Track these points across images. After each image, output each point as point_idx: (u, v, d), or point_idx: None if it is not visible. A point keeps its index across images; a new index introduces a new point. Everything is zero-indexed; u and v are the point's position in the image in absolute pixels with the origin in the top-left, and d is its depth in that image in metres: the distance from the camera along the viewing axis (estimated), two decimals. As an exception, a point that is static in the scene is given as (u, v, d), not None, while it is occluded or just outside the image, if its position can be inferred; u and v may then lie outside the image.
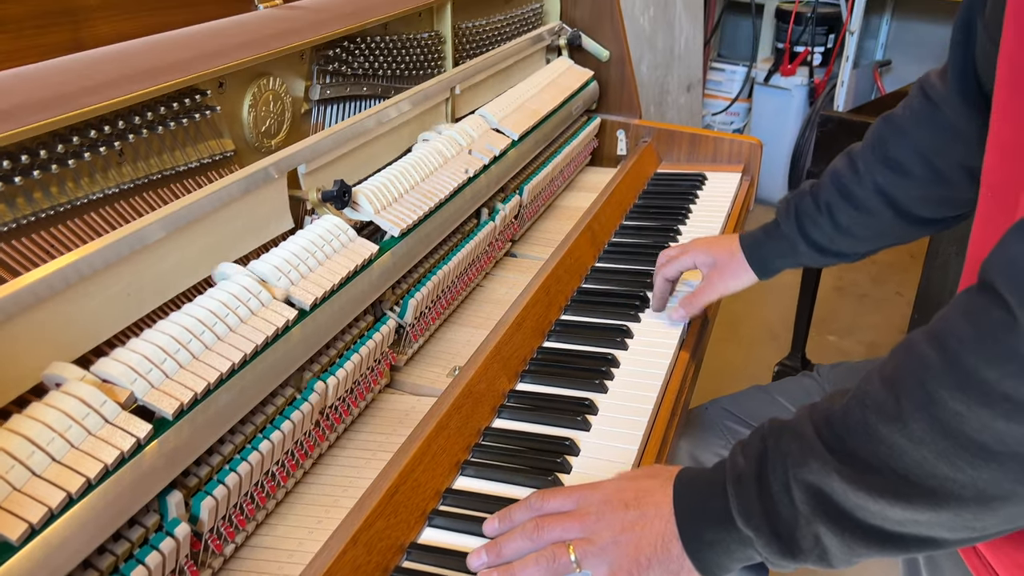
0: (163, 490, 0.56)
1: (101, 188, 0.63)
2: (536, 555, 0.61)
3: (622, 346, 0.93)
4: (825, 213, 0.90)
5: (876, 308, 2.51)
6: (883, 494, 0.51)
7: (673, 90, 2.74)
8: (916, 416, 0.49)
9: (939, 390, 0.48)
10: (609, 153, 1.53)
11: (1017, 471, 0.47)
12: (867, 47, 3.15)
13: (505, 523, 0.65)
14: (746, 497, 0.56)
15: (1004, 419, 0.46)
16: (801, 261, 0.94)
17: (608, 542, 0.60)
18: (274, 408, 0.69)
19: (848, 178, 0.89)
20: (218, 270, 0.69)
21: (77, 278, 0.56)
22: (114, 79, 0.63)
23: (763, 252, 0.95)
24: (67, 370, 0.55)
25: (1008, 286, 0.46)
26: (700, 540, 0.58)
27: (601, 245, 1.16)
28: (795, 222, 0.93)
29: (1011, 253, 0.47)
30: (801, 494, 0.54)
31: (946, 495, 0.49)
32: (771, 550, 0.56)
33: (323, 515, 0.69)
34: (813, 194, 0.92)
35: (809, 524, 0.54)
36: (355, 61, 0.94)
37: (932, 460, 0.49)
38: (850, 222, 0.89)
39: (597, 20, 1.48)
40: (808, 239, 0.92)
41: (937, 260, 1.91)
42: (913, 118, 0.86)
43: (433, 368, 0.90)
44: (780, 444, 0.56)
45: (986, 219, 0.66)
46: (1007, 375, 0.45)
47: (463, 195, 0.99)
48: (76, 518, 0.49)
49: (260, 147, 0.82)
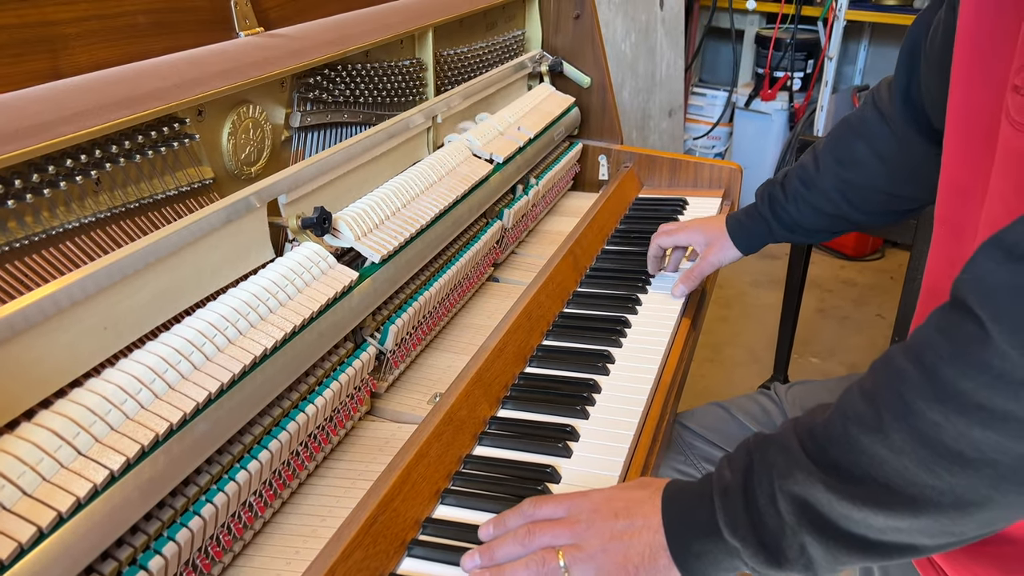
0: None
1: (78, 217, 0.63)
2: (526, 559, 0.63)
3: (603, 371, 0.93)
4: (792, 201, 1.02)
5: (858, 330, 2.53)
6: (866, 503, 0.52)
7: (655, 115, 2.76)
8: (896, 427, 0.51)
9: (917, 401, 0.50)
10: (591, 178, 1.54)
11: (992, 477, 0.49)
12: (845, 72, 3.20)
13: (499, 528, 0.67)
14: (733, 509, 0.58)
15: (979, 427, 0.48)
16: (776, 239, 1.06)
17: (597, 550, 0.62)
18: (252, 437, 0.69)
19: (811, 171, 1.01)
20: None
21: (54, 310, 0.56)
22: (92, 108, 0.62)
23: (744, 231, 1.07)
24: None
25: (979, 302, 0.48)
26: (688, 551, 0.60)
27: (583, 270, 1.16)
28: (768, 207, 1.05)
29: (980, 271, 0.49)
30: (787, 505, 0.55)
31: (926, 502, 0.51)
32: (758, 560, 0.57)
33: (301, 545, 0.69)
34: (783, 183, 1.04)
35: (795, 534, 0.55)
36: (336, 89, 0.94)
37: (912, 468, 0.51)
38: (810, 210, 1.01)
39: (579, 47, 1.50)
40: (780, 221, 1.04)
41: (915, 283, 1.93)
42: (864, 125, 0.95)
43: (414, 395, 0.90)
44: (766, 456, 0.58)
45: (939, 252, 0.70)
46: (981, 386, 0.47)
47: (445, 221, 0.99)
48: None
49: (240, 175, 0.82)
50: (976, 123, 0.63)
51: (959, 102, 0.65)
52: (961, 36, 0.64)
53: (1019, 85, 0.55)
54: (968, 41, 0.63)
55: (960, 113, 0.65)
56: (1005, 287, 0.47)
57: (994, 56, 0.60)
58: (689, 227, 1.12)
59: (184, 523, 0.59)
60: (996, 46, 0.60)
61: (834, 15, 2.75)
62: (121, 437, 0.55)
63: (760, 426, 1.00)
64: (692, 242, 1.12)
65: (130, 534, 0.56)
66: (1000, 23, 0.59)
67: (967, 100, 0.64)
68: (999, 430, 0.47)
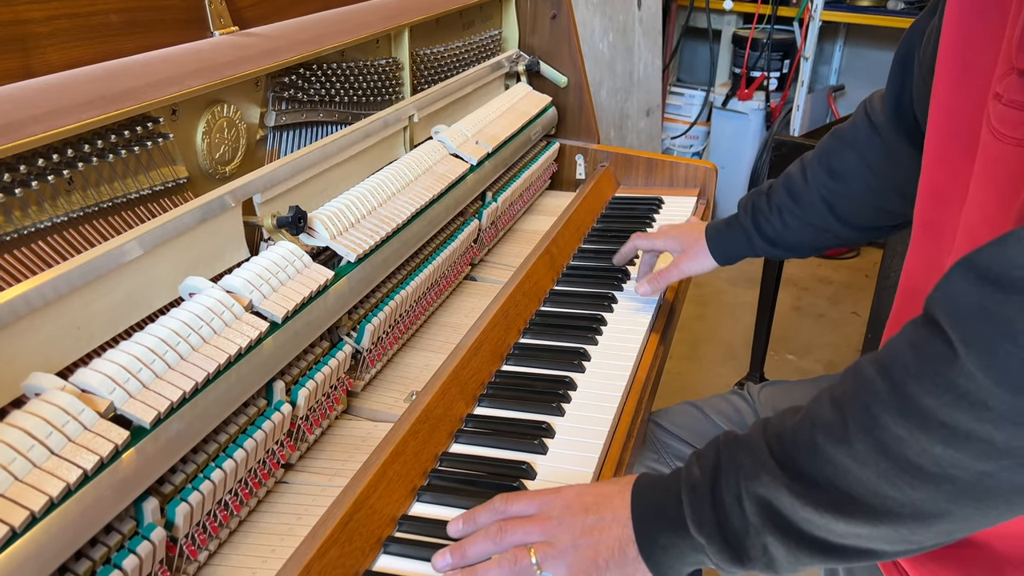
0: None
1: (50, 216, 0.63)
2: (499, 557, 0.63)
3: (579, 369, 0.94)
4: (776, 213, 0.99)
5: (833, 328, 2.56)
6: (828, 509, 0.53)
7: (633, 114, 2.78)
8: (860, 438, 0.52)
9: (883, 415, 0.51)
10: (568, 177, 1.55)
11: (951, 492, 0.50)
12: (821, 72, 3.23)
13: (469, 525, 0.68)
14: (700, 506, 0.59)
15: (941, 444, 0.49)
16: (756, 252, 1.03)
17: (568, 546, 0.62)
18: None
19: (797, 183, 0.98)
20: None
21: (26, 310, 0.56)
22: (64, 107, 0.62)
23: (723, 241, 1.04)
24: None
25: (949, 322, 0.49)
26: (655, 544, 0.61)
27: (560, 268, 1.17)
28: (751, 218, 1.01)
29: (952, 290, 0.49)
30: (752, 506, 0.56)
31: (886, 512, 0.52)
32: (722, 557, 0.58)
33: (277, 543, 0.69)
34: (768, 194, 1.01)
35: (758, 534, 0.56)
36: (311, 88, 0.94)
37: (874, 480, 0.52)
38: (796, 223, 0.98)
39: (555, 47, 1.50)
40: (761, 233, 1.00)
41: (888, 281, 1.96)
42: (855, 137, 0.93)
43: (391, 393, 0.90)
44: (734, 457, 0.59)
45: (918, 253, 0.70)
46: (945, 404, 0.48)
47: (421, 220, 0.99)
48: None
49: (214, 174, 0.82)
50: (957, 127, 0.63)
51: (941, 105, 0.65)
52: (945, 40, 0.64)
53: (1000, 93, 0.55)
54: (952, 45, 0.63)
55: (942, 116, 0.65)
56: (975, 309, 0.47)
57: (977, 62, 0.60)
58: (669, 233, 1.10)
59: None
60: (979, 52, 0.60)
61: (810, 16, 2.78)
62: (95, 437, 0.55)
63: (732, 425, 1.01)
64: (669, 248, 1.10)
65: (104, 533, 0.56)
66: (984, 29, 0.59)
67: (949, 103, 0.64)
68: (960, 448, 0.48)
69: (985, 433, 0.47)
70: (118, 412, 0.58)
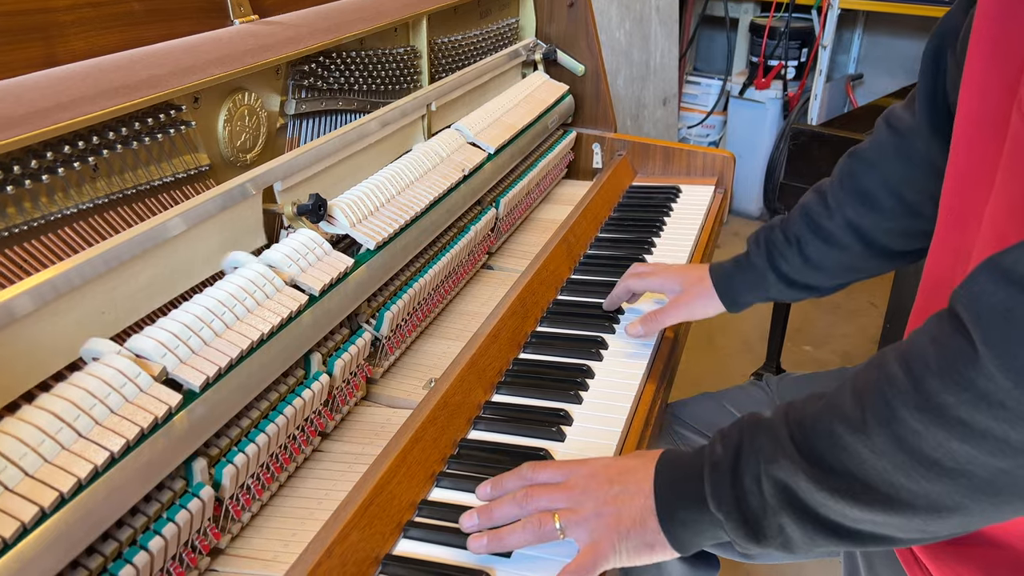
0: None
1: (75, 203, 0.63)
2: (524, 521, 0.66)
3: (597, 357, 0.94)
4: (795, 246, 0.91)
5: (849, 319, 2.54)
6: (843, 496, 0.55)
7: (649, 104, 2.77)
8: (878, 430, 0.53)
9: (901, 408, 0.51)
10: (585, 166, 1.55)
11: (967, 487, 0.50)
12: (839, 61, 3.20)
13: (496, 489, 0.70)
14: (720, 484, 0.61)
15: (958, 440, 0.49)
16: (770, 294, 0.94)
17: (591, 513, 0.64)
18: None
19: (818, 212, 0.90)
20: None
21: (53, 295, 0.57)
22: (88, 95, 0.63)
23: (733, 283, 0.95)
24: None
25: (972, 321, 0.49)
26: (674, 518, 0.63)
27: (577, 257, 1.17)
28: (765, 254, 0.93)
29: (978, 288, 0.49)
30: (770, 488, 0.58)
31: (900, 503, 0.53)
32: (739, 534, 0.60)
33: (298, 527, 0.70)
34: (783, 228, 0.93)
35: (775, 515, 0.58)
36: (331, 76, 0.95)
37: (890, 471, 0.52)
38: (819, 256, 0.90)
39: (573, 35, 1.50)
40: (777, 272, 0.92)
41: (907, 271, 1.94)
42: (880, 151, 0.87)
43: (409, 380, 0.91)
44: (756, 439, 0.60)
45: (943, 240, 0.69)
46: (963, 402, 0.48)
47: (439, 208, 1.00)
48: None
49: (235, 161, 0.82)
50: (988, 109, 0.62)
51: (973, 86, 0.64)
52: (979, 22, 0.62)
53: None
54: (987, 23, 0.62)
55: (972, 98, 0.64)
56: (999, 310, 0.47)
57: (1013, 40, 0.59)
58: (666, 272, 0.99)
59: (183, 505, 0.60)
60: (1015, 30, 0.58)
61: (828, 3, 2.75)
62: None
63: None
64: (665, 289, 0.99)
65: (130, 515, 0.57)
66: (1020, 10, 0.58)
67: (981, 84, 0.62)
68: (977, 445, 0.48)
69: (1002, 432, 0.47)
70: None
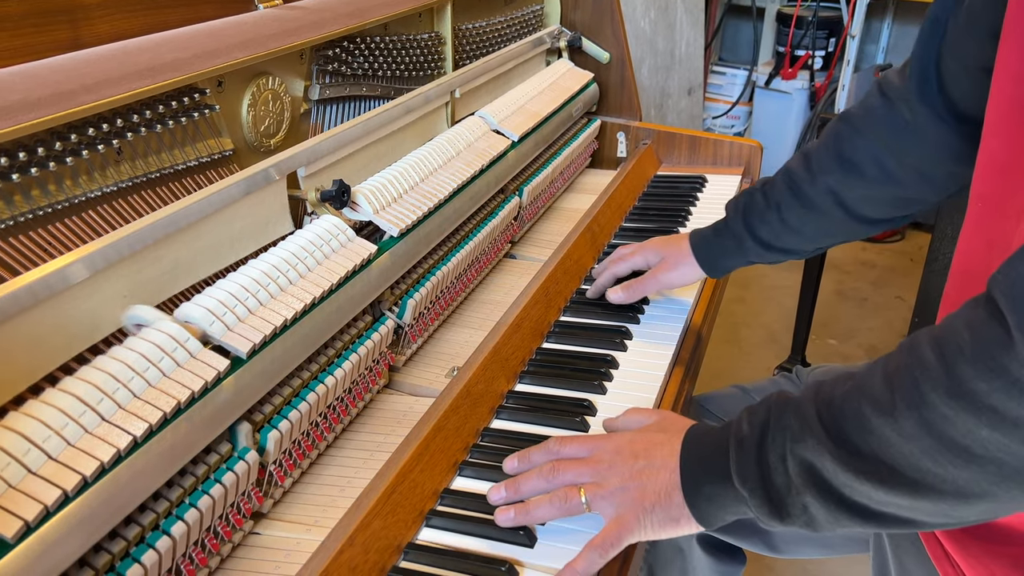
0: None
1: (100, 186, 0.63)
2: (550, 495, 0.66)
3: (621, 347, 0.93)
4: (774, 210, 0.91)
5: (876, 312, 2.51)
6: (869, 478, 0.54)
7: (674, 93, 2.74)
8: (907, 414, 0.52)
9: (931, 393, 0.51)
10: (609, 155, 1.53)
11: (996, 474, 0.50)
12: (868, 51, 3.15)
13: (523, 463, 0.71)
14: (746, 461, 0.60)
15: (988, 428, 0.48)
16: (748, 258, 0.94)
17: (616, 488, 0.65)
18: (272, 408, 0.69)
19: (800, 176, 0.90)
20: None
21: (77, 278, 0.56)
22: (113, 77, 0.63)
23: (711, 249, 0.96)
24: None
25: (1010, 306, 0.47)
26: (699, 493, 0.63)
27: (601, 247, 1.16)
28: (742, 219, 0.93)
29: (1015, 275, 0.48)
30: (795, 467, 0.57)
31: (927, 487, 0.52)
32: (763, 511, 0.60)
33: (320, 515, 0.69)
34: (764, 192, 0.93)
35: (800, 494, 0.58)
36: (355, 61, 0.94)
37: (917, 455, 0.52)
38: (798, 220, 0.90)
39: (598, 22, 1.48)
40: (754, 236, 0.92)
41: (936, 264, 1.91)
42: (869, 116, 0.86)
43: (431, 369, 0.90)
44: (783, 418, 0.60)
45: (976, 229, 0.67)
46: (996, 389, 0.48)
47: (462, 196, 0.99)
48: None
49: (259, 146, 0.82)
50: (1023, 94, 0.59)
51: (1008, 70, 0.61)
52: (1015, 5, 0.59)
53: None
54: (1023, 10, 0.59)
55: (1008, 82, 0.61)
56: None
57: None
58: (644, 248, 1.00)
59: (205, 490, 0.60)
60: None
61: (857, -8, 2.71)
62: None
63: None
64: (645, 262, 0.99)
65: (152, 500, 0.57)
66: None
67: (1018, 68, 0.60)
68: (1007, 433, 0.48)
69: None
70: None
